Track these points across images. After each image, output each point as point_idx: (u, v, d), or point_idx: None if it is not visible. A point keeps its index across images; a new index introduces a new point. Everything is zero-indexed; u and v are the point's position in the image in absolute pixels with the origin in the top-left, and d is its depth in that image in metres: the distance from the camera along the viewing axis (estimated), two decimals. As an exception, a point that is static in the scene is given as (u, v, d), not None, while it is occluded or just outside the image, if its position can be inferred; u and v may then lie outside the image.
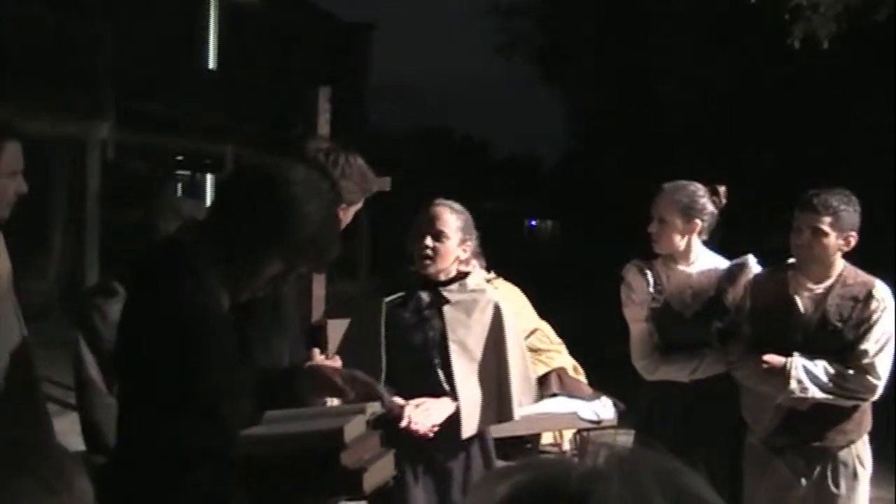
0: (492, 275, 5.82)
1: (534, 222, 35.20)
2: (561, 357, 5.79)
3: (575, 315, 8.94)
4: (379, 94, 26.91)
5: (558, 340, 5.90)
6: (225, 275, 2.06)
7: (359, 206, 2.76)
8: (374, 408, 3.14)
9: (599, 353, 6.01)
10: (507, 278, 5.89)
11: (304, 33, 20.02)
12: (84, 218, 11.58)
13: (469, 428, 3.22)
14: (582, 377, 5.72)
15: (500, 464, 3.56)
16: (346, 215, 2.71)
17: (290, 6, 19.73)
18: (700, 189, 3.57)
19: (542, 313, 6.06)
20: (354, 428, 2.16)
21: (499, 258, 5.99)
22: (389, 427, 3.16)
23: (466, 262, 5.51)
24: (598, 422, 5.23)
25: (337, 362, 2.71)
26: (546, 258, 21.00)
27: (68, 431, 3.22)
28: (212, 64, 17.88)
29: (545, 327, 5.93)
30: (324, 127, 5.96)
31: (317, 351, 2.70)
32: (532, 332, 5.83)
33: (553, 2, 21.54)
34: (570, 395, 5.44)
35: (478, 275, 5.45)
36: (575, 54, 21.00)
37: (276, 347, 2.57)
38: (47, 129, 11.06)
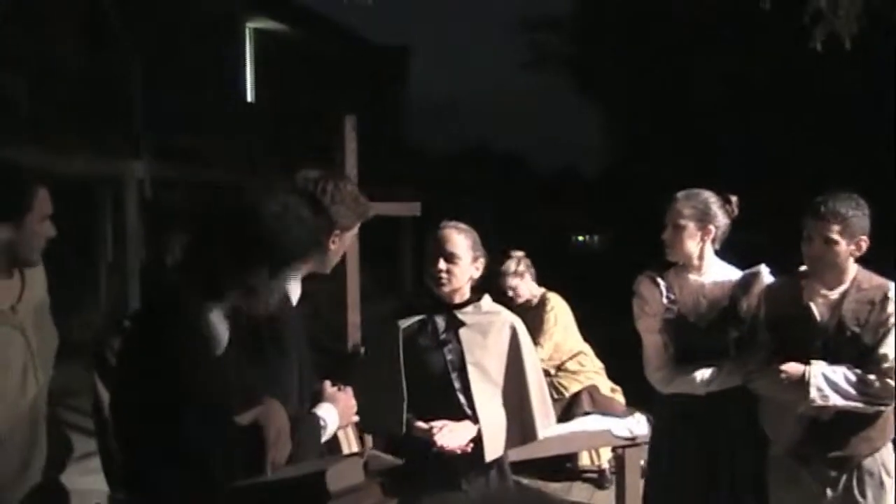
0: (542, 289, 5.87)
1: (579, 237, 35.08)
2: (598, 377, 5.77)
3: (616, 330, 8.91)
4: (418, 115, 27.18)
5: (599, 364, 5.89)
6: (220, 306, 2.09)
7: (354, 230, 2.80)
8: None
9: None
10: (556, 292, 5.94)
11: (339, 61, 20.26)
12: (125, 255, 11.85)
13: (492, 451, 3.23)
14: (619, 397, 5.68)
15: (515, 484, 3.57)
16: (343, 239, 2.76)
17: (324, 35, 19.99)
18: (713, 196, 3.57)
19: (590, 327, 6.08)
20: (346, 475, 2.15)
21: (546, 274, 6.03)
22: (412, 454, 3.20)
23: (521, 275, 5.66)
24: (633, 438, 5.17)
25: (349, 393, 2.75)
26: (593, 272, 20.89)
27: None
28: (249, 96, 18.18)
29: (588, 350, 5.93)
30: (351, 154, 6.05)
31: (328, 383, 2.73)
32: (576, 355, 5.83)
33: (584, 13, 21.58)
34: (603, 413, 5.39)
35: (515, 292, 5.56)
36: (608, 64, 20.98)
37: (283, 381, 2.58)
38: (85, 168, 11.33)
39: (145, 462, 1.96)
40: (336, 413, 2.62)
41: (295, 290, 2.69)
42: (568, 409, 5.35)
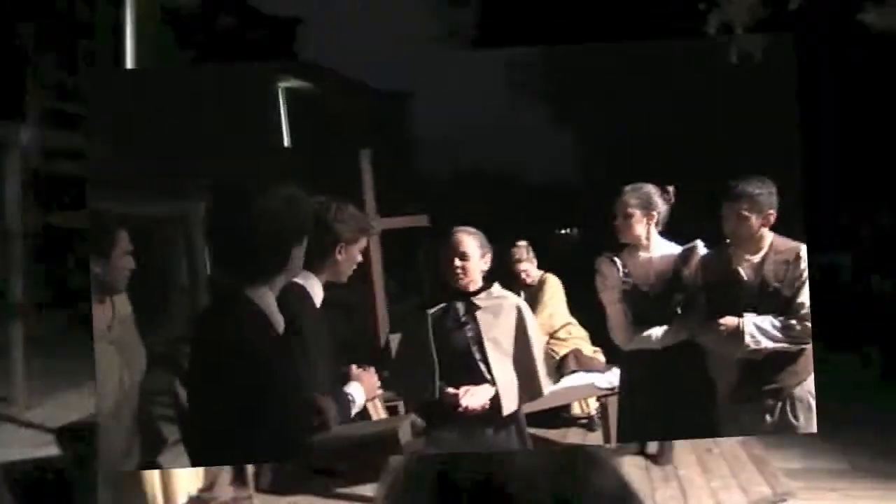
0: (541, 272, 5.96)
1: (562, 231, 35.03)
2: (583, 343, 5.83)
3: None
4: (423, 148, 27.28)
5: (585, 333, 5.97)
6: (272, 294, 2.13)
7: (362, 243, 2.88)
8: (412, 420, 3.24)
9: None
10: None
11: (350, 108, 20.28)
12: (197, 282, 11.93)
13: (508, 406, 3.30)
14: (600, 356, 5.75)
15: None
16: (350, 251, 2.84)
17: (342, 89, 20.01)
18: (653, 188, 3.63)
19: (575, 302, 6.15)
20: (405, 434, 2.23)
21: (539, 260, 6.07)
22: (441, 413, 3.27)
23: (532, 261, 5.76)
24: (613, 388, 5.22)
25: (371, 372, 2.82)
26: (574, 259, 20.92)
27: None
28: (286, 142, 18.25)
29: (574, 321, 6.00)
30: (368, 183, 6.09)
31: (354, 366, 2.80)
32: (565, 325, 5.89)
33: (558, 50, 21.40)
34: (587, 370, 5.48)
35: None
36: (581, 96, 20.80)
37: (310, 370, 2.62)
38: (155, 209, 11.39)
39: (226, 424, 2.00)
40: (362, 389, 2.69)
41: (317, 294, 2.76)
42: (558, 369, 5.41)
